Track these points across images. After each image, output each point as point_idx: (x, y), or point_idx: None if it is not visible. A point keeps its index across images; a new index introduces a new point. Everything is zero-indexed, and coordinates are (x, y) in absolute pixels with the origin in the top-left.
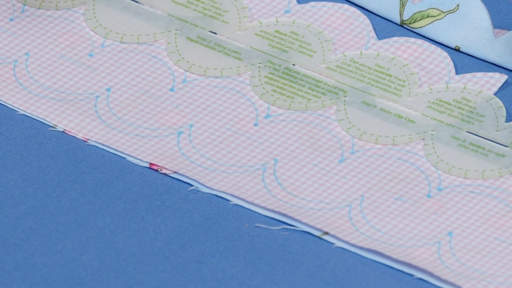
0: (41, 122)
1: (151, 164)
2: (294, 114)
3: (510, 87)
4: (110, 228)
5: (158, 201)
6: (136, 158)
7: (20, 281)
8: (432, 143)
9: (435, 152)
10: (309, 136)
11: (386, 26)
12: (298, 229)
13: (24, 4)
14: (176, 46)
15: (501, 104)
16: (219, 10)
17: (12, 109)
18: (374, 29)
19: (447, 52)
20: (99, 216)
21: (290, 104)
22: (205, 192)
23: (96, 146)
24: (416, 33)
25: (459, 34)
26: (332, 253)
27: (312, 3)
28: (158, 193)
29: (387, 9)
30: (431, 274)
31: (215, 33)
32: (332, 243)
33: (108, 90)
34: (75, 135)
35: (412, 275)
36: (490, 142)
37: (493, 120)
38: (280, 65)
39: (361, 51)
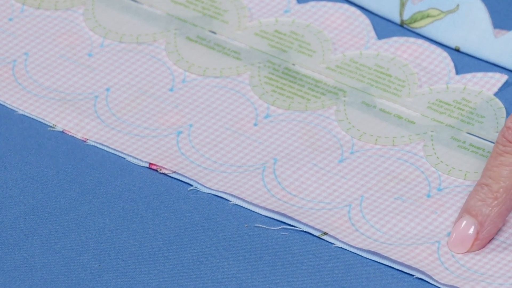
0: (40, 122)
1: (150, 164)
2: (294, 114)
3: (510, 88)
4: (110, 228)
5: (157, 201)
6: (135, 158)
7: (19, 281)
8: (432, 144)
9: (435, 153)
10: (309, 136)
11: (386, 26)
12: (297, 229)
13: (23, 4)
14: (176, 46)
15: (501, 105)
16: (219, 9)
17: (11, 109)
18: (374, 29)
19: (447, 52)
20: (98, 216)
21: (289, 104)
22: (205, 192)
23: (96, 146)
24: (416, 33)
25: (459, 34)
26: (331, 253)
27: (312, 3)
28: (157, 193)
29: (387, 9)
30: (430, 275)
31: (215, 33)
32: (331, 243)
33: (107, 90)
34: (74, 135)
35: (411, 275)
36: (490, 143)
37: (493, 121)
38: (279, 65)
39: (361, 51)
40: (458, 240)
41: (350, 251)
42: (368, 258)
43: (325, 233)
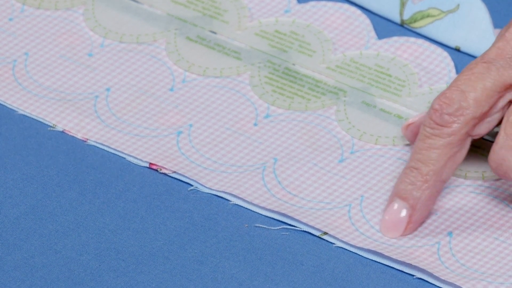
0: (41, 122)
1: (150, 164)
2: (294, 114)
3: None
4: (110, 228)
5: (157, 201)
6: (135, 158)
7: (19, 281)
8: None
9: None
10: (309, 136)
11: (386, 26)
12: (298, 229)
13: (23, 4)
14: (176, 46)
15: None
16: (219, 9)
17: (12, 109)
18: (374, 29)
19: (447, 52)
20: (98, 216)
21: (289, 105)
22: (205, 192)
23: (96, 146)
24: (416, 33)
25: (459, 34)
26: (332, 253)
27: (312, 3)
28: (157, 193)
29: (387, 8)
30: (431, 274)
31: (215, 33)
32: (332, 243)
33: (107, 90)
34: (74, 135)
35: (412, 275)
36: (490, 142)
37: None
38: (280, 65)
39: (361, 51)
40: (391, 224)
41: (350, 251)
42: (368, 258)
43: (326, 233)
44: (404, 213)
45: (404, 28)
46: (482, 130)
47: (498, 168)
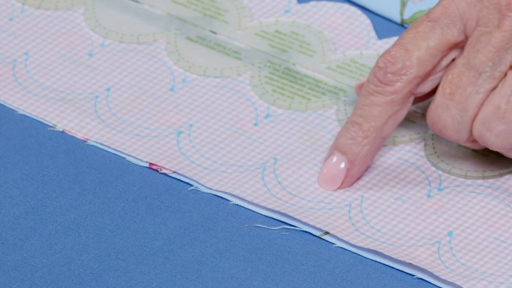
0: (41, 122)
1: (150, 164)
2: (294, 114)
3: None
4: (110, 228)
5: (157, 201)
6: (135, 158)
7: (19, 281)
8: (433, 144)
9: (435, 152)
10: (309, 136)
11: (387, 26)
12: (298, 229)
13: (23, 4)
14: (176, 46)
15: None
16: (219, 9)
17: (12, 109)
18: (375, 29)
19: None
20: (98, 216)
21: (290, 104)
22: (205, 192)
23: (96, 146)
24: None
25: None
26: (332, 253)
27: (312, 3)
28: (157, 193)
29: (388, 8)
30: (431, 274)
31: (215, 33)
32: (332, 243)
33: (107, 90)
34: (74, 135)
35: (412, 275)
36: None
37: None
38: (280, 65)
39: (361, 51)
40: (329, 177)
41: (350, 251)
42: (368, 258)
43: (326, 233)
44: (342, 166)
45: (404, 28)
46: (425, 88)
47: (434, 126)
